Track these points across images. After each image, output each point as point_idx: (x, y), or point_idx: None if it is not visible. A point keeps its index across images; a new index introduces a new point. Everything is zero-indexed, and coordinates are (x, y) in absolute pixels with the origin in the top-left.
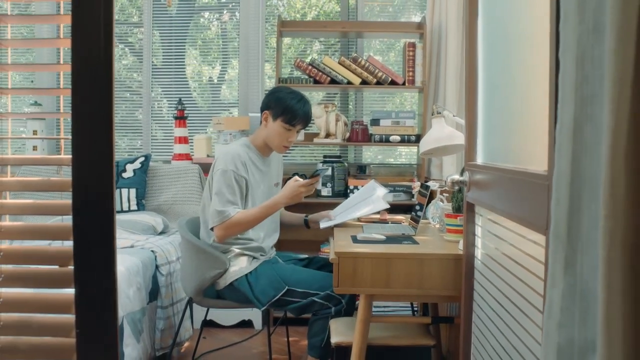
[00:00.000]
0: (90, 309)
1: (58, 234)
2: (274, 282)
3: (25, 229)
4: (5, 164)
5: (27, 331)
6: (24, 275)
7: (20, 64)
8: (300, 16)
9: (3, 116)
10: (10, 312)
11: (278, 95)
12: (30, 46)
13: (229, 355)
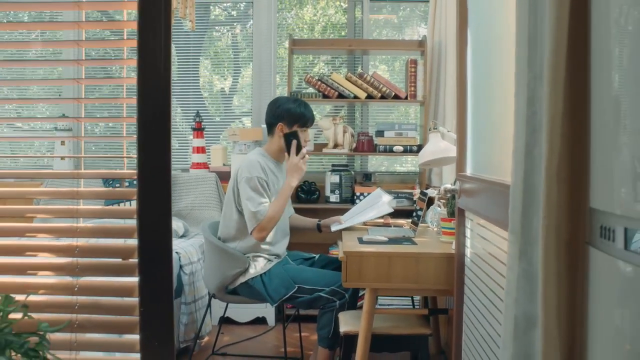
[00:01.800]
0: (151, 293)
1: (124, 233)
2: (285, 281)
3: (97, 229)
4: (80, 177)
5: (99, 311)
6: (96, 266)
7: (92, 78)
8: (308, 27)
9: (79, 120)
10: (85, 296)
11: (285, 107)
12: (102, 64)
13: (245, 348)
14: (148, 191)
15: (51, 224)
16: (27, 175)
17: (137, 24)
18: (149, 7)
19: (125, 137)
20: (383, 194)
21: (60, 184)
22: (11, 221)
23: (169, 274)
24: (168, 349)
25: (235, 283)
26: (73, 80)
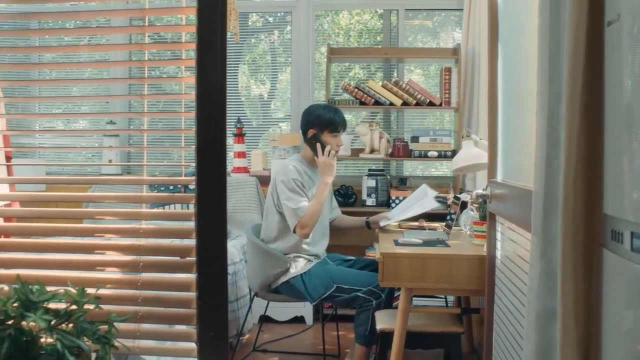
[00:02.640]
0: (207, 288)
1: (182, 233)
2: (324, 281)
3: (158, 230)
4: (142, 183)
5: (159, 304)
6: (157, 263)
7: (153, 94)
8: (344, 33)
9: (143, 131)
10: (147, 290)
11: (315, 113)
12: (163, 82)
13: (284, 346)
14: (206, 197)
15: (117, 226)
16: (98, 181)
17: (195, 45)
18: (206, 30)
19: (183, 148)
20: (428, 189)
21: (108, 189)
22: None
23: (224, 272)
24: (222, 339)
25: (276, 282)
26: (139, 96)
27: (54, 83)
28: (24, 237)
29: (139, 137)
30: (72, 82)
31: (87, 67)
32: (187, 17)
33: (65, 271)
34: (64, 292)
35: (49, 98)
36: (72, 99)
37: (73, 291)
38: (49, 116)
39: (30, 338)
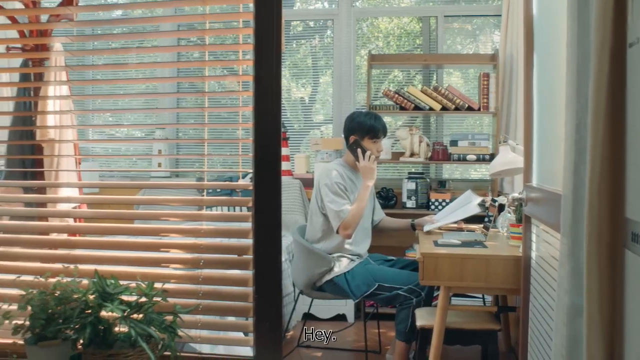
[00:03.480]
0: (263, 284)
1: (240, 234)
2: (366, 279)
3: (218, 230)
4: (202, 187)
5: (219, 297)
6: (217, 260)
7: (215, 106)
8: (383, 36)
9: (204, 141)
10: (208, 285)
11: (357, 120)
12: (222, 95)
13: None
14: (262, 200)
15: (182, 226)
16: (164, 185)
17: (253, 62)
18: (262, 50)
19: (241, 155)
20: (473, 196)
21: (156, 192)
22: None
23: (279, 269)
24: (277, 330)
25: (321, 280)
26: (199, 108)
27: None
28: (97, 235)
29: (189, 143)
30: (133, 96)
31: (149, 81)
32: (243, 35)
33: (135, 267)
34: (135, 286)
35: (122, 110)
36: (135, 111)
37: (143, 285)
38: (121, 126)
39: (107, 326)
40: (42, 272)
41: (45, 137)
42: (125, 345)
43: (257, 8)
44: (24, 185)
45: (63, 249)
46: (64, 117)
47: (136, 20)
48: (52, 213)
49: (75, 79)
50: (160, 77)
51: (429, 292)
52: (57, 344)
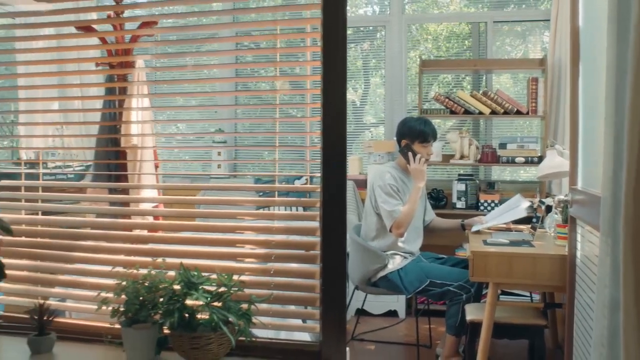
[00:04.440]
0: (329, 277)
1: (308, 232)
2: (419, 276)
3: (289, 228)
4: (274, 190)
5: (288, 289)
6: (287, 255)
7: (286, 117)
8: (432, 38)
9: (275, 147)
10: (278, 277)
11: (408, 125)
12: (293, 106)
13: (379, 336)
14: (329, 202)
15: (255, 224)
16: (240, 188)
17: (321, 77)
18: (330, 66)
19: (309, 161)
20: (522, 200)
21: (218, 193)
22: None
23: (344, 263)
24: (342, 319)
25: (375, 277)
26: (272, 119)
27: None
28: (178, 232)
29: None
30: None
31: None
32: (311, 52)
33: (214, 261)
34: (216, 277)
35: (197, 120)
36: (209, 121)
37: (222, 277)
38: (203, 134)
39: (191, 312)
40: (130, 265)
41: (129, 144)
42: (207, 330)
43: (325, 27)
44: (110, 187)
45: (146, 244)
46: (145, 125)
47: (211, 40)
48: (145, 212)
49: (155, 92)
50: (234, 90)
51: (478, 289)
52: (148, 327)
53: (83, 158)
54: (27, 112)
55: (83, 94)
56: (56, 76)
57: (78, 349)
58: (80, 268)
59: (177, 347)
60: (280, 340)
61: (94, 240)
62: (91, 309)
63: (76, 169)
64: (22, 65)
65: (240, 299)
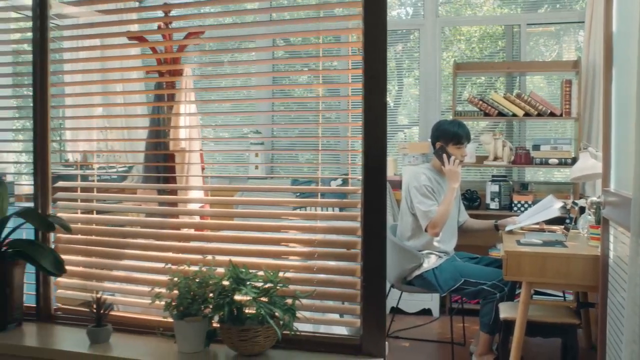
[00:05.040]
0: (370, 274)
1: (349, 231)
2: (453, 275)
3: (330, 228)
4: (317, 191)
5: (330, 285)
6: (329, 253)
7: (328, 122)
8: (465, 38)
9: (318, 151)
10: (321, 274)
11: (442, 128)
12: (334, 112)
13: (413, 334)
14: (370, 202)
15: (298, 224)
16: (288, 189)
17: (362, 85)
18: (371, 75)
19: (350, 164)
20: (554, 200)
21: (253, 194)
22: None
23: (384, 262)
24: (381, 315)
25: (411, 275)
26: (315, 124)
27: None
28: (224, 231)
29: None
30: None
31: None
32: (352, 62)
33: (261, 259)
34: (263, 274)
35: (243, 125)
36: (252, 126)
37: (269, 273)
38: (251, 138)
39: (239, 307)
40: (181, 262)
41: (177, 148)
42: (255, 323)
43: (366, 37)
44: (159, 188)
45: (195, 242)
46: (192, 130)
47: (255, 49)
48: (192, 212)
49: (202, 98)
50: (281, 97)
51: (512, 288)
52: (199, 320)
53: (125, 160)
54: (83, 118)
55: (126, 101)
56: (119, 83)
57: (132, 340)
58: (132, 264)
59: (226, 339)
60: (322, 334)
61: (144, 238)
62: (142, 304)
63: (119, 170)
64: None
65: (285, 295)
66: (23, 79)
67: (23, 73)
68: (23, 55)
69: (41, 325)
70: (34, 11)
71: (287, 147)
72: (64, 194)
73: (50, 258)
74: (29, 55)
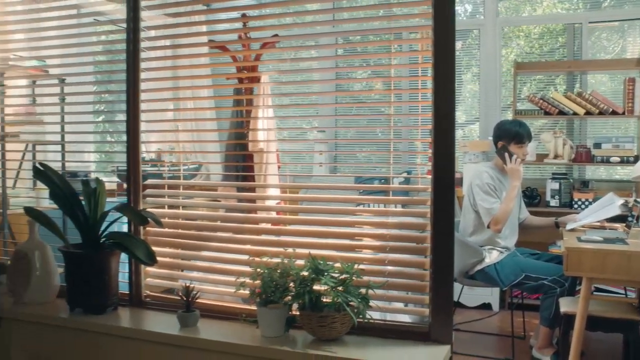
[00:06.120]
0: (438, 267)
1: (418, 227)
2: (514, 270)
3: (401, 223)
4: (389, 189)
5: (401, 276)
6: (399, 247)
7: (401, 126)
8: (524, 35)
9: (390, 153)
10: (392, 266)
11: (504, 127)
12: (405, 117)
13: (474, 327)
14: (439, 201)
15: (371, 220)
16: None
17: (432, 91)
18: (440, 82)
19: (420, 165)
20: (615, 198)
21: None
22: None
23: (451, 256)
24: (448, 305)
25: (473, 270)
26: (388, 127)
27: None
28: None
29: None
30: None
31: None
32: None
33: (336, 252)
34: (339, 266)
35: (317, 127)
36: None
37: (345, 265)
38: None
39: (317, 296)
40: (260, 254)
41: (256, 149)
42: (332, 310)
43: (436, 47)
44: (238, 185)
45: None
46: (270, 131)
47: (318, 58)
48: (270, 208)
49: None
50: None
51: (572, 284)
52: (280, 307)
53: (195, 159)
54: (167, 121)
55: (200, 105)
56: (211, 88)
57: (218, 324)
58: (214, 256)
59: (305, 325)
60: (391, 321)
61: (224, 232)
62: (224, 292)
63: (190, 167)
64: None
65: (359, 285)
66: (113, 86)
67: (113, 80)
68: (115, 64)
69: (134, 310)
70: (128, 24)
71: (352, 146)
72: (152, 191)
73: (143, 249)
74: (122, 64)
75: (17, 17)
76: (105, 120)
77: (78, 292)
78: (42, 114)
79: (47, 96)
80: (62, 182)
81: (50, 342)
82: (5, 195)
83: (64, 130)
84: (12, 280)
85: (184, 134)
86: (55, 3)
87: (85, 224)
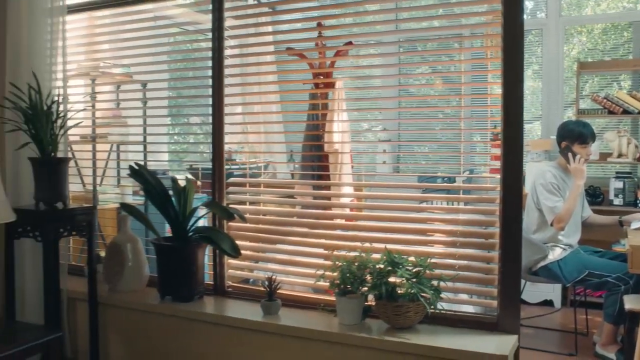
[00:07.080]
0: (507, 261)
1: (487, 223)
2: (577, 267)
3: (470, 220)
4: (460, 189)
5: (470, 270)
6: (469, 242)
7: (470, 128)
8: (587, 30)
9: (461, 153)
10: (462, 260)
11: (568, 128)
12: (477, 108)
13: (536, 322)
14: (509, 199)
15: (444, 217)
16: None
17: (501, 95)
18: (510, 88)
19: (489, 164)
20: None
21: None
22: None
23: (519, 250)
24: (516, 297)
25: (536, 266)
26: (459, 130)
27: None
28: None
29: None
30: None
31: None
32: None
33: (409, 246)
34: (414, 259)
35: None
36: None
37: (418, 258)
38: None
39: (392, 287)
40: (336, 248)
41: (331, 149)
42: (406, 300)
43: (505, 53)
44: (314, 184)
45: (348, 231)
46: (344, 133)
47: (384, 66)
48: (343, 204)
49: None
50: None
51: (637, 282)
52: (358, 297)
53: (262, 158)
54: (250, 124)
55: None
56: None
57: (298, 313)
58: (293, 249)
59: (381, 314)
60: (459, 312)
61: (300, 227)
62: (303, 283)
63: (258, 165)
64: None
65: (431, 277)
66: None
67: (198, 86)
68: (199, 70)
69: (218, 299)
70: (213, 33)
71: (417, 146)
72: (235, 188)
73: (228, 242)
74: (207, 70)
75: (104, 30)
76: (184, 123)
77: (168, 282)
78: (127, 117)
79: (131, 100)
80: (155, 180)
81: (141, 326)
82: (96, 192)
83: (146, 132)
84: (107, 270)
85: (264, 135)
86: (138, 15)
87: (176, 219)
